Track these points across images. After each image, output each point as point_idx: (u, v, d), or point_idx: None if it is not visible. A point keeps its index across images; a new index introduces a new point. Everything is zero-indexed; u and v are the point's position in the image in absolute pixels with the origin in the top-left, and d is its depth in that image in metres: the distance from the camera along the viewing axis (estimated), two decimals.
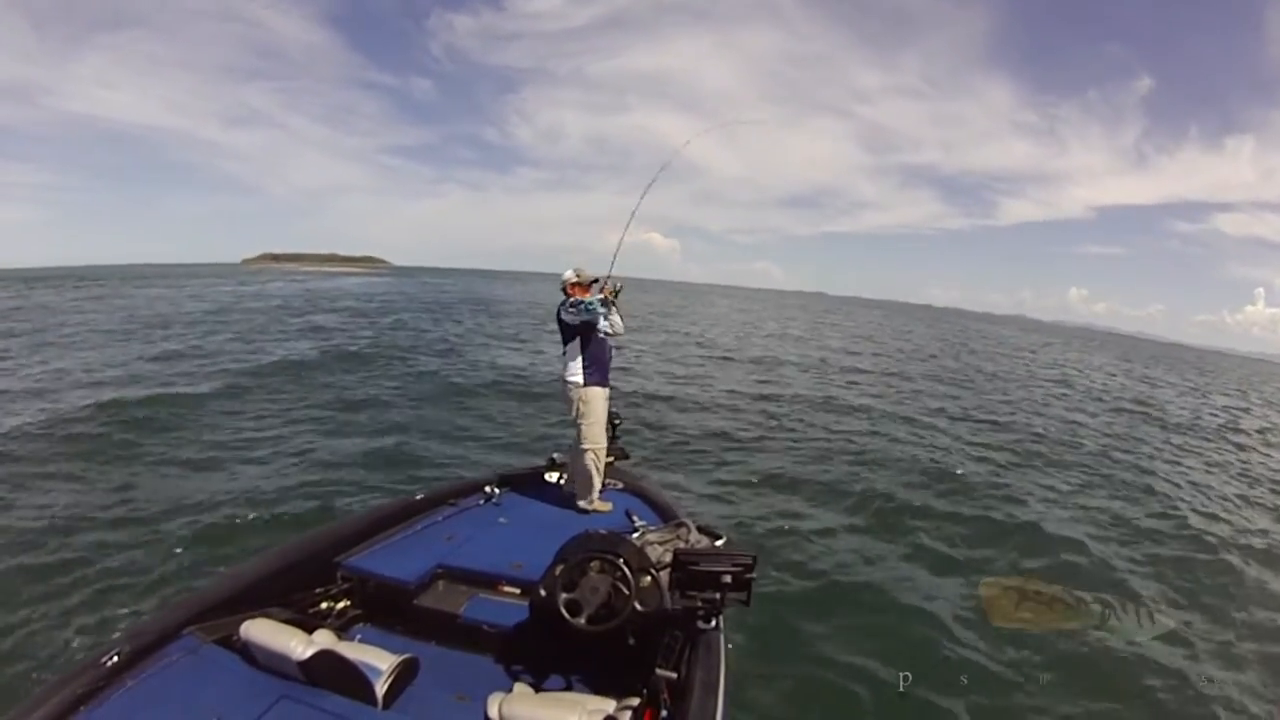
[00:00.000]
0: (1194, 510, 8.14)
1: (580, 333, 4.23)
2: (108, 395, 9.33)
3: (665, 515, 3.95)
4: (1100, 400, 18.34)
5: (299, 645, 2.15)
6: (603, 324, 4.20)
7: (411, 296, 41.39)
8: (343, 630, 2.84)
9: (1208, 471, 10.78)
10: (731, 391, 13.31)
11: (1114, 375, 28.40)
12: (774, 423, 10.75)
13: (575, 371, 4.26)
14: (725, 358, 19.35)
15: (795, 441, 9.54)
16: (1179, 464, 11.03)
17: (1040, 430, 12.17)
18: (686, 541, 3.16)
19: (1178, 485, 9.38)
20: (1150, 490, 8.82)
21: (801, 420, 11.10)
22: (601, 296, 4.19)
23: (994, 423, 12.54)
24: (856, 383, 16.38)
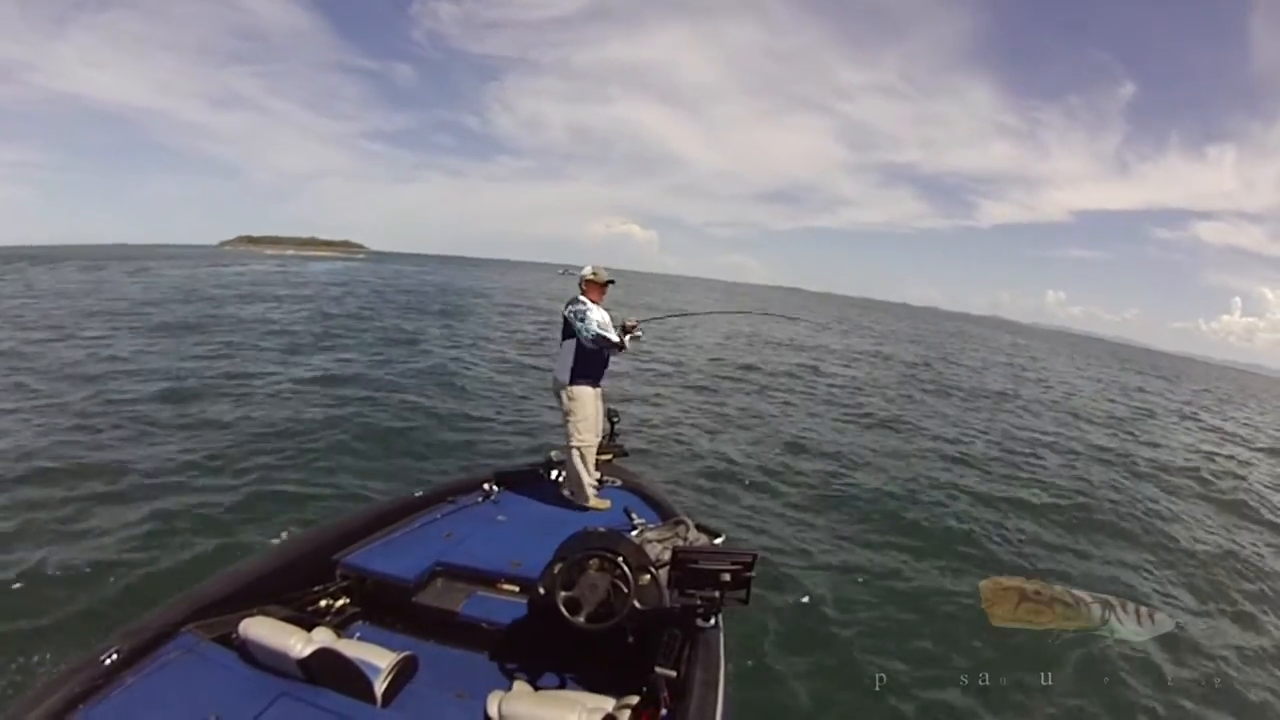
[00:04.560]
0: (1200, 516, 8.13)
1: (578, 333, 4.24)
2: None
3: (664, 513, 3.96)
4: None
5: (298, 643, 2.15)
6: (584, 338, 4.21)
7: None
8: (341, 628, 2.84)
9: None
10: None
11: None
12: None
13: (564, 369, 4.29)
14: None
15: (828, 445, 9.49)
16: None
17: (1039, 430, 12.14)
18: (685, 539, 3.16)
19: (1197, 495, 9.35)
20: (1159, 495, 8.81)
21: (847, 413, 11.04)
22: (623, 330, 4.32)
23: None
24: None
